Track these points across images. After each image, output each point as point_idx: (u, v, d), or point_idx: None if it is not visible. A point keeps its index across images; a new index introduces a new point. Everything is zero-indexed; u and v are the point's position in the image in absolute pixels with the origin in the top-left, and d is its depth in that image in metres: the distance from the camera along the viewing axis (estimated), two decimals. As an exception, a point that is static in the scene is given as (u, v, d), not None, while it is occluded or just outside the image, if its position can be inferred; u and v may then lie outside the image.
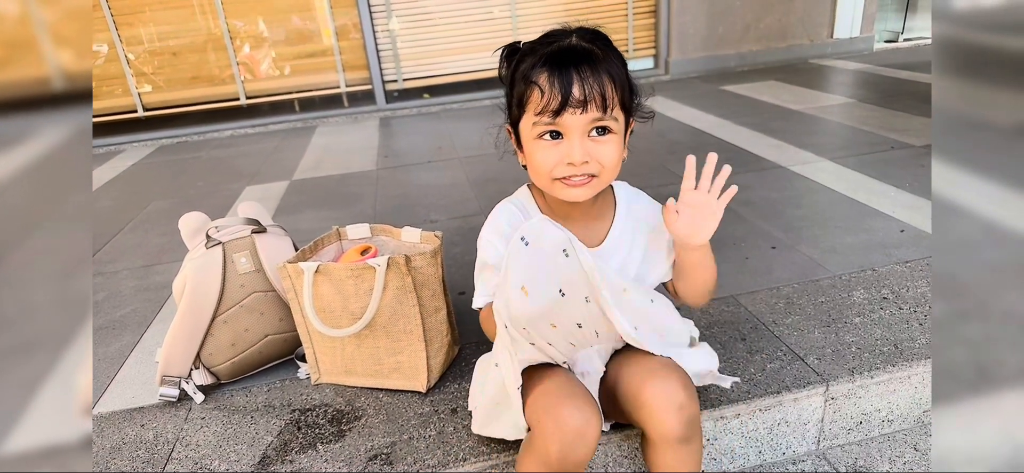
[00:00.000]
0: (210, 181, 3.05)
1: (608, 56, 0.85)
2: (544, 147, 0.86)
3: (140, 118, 4.22)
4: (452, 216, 2.20)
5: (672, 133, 3.01)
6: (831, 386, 1.19)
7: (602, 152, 0.86)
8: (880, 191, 2.07)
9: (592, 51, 0.84)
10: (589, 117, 0.83)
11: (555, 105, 0.81)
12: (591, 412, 0.85)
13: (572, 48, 0.84)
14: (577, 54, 0.83)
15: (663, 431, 0.87)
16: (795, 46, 4.70)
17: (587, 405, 0.85)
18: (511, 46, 0.92)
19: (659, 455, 0.92)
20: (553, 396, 0.87)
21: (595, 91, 0.82)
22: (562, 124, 0.83)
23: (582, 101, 0.81)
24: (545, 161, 0.86)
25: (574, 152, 0.84)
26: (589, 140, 0.85)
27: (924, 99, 3.24)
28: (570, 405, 0.84)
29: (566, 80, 0.81)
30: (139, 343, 1.56)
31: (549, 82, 0.82)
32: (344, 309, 1.21)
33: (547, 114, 0.83)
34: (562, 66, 0.82)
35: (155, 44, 4.13)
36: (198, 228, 1.33)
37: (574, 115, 0.82)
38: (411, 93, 4.44)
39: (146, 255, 2.14)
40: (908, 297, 1.44)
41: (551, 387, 0.89)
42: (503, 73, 0.93)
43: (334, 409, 1.24)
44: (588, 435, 0.83)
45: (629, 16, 4.48)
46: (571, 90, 0.81)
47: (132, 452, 1.18)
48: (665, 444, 0.90)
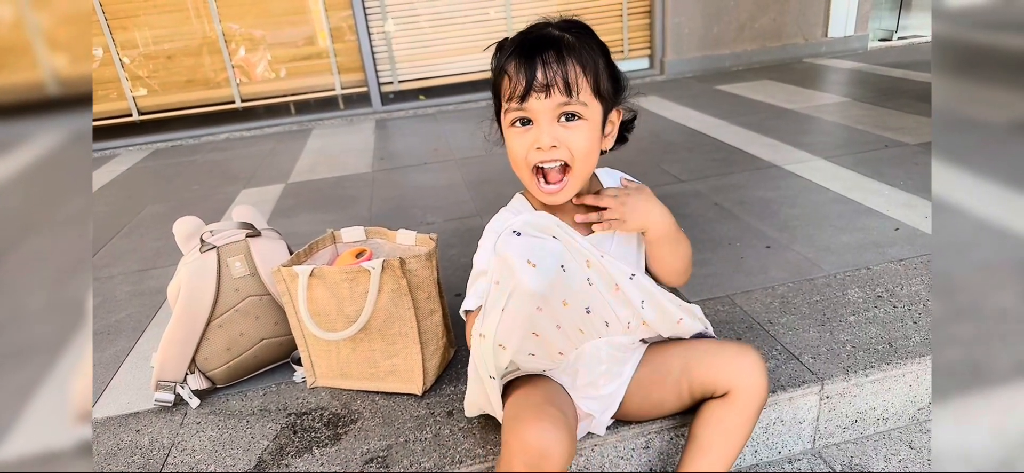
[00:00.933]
0: (205, 185, 3.04)
1: (582, 43, 0.87)
2: (516, 134, 0.89)
3: (135, 122, 4.21)
4: (448, 218, 2.20)
5: (667, 133, 3.02)
6: (826, 385, 1.20)
7: (571, 138, 0.87)
8: (875, 190, 2.08)
9: (562, 38, 0.86)
10: (554, 101, 0.85)
11: (520, 90, 0.84)
12: (559, 433, 0.83)
13: (541, 36, 0.86)
14: (545, 41, 0.85)
15: (758, 390, 0.96)
16: (790, 45, 4.71)
17: (556, 426, 0.84)
18: (500, 42, 0.94)
19: (738, 412, 0.97)
20: (522, 412, 0.87)
21: (558, 76, 0.83)
22: (529, 109, 0.86)
23: (545, 86, 0.83)
24: (517, 148, 0.89)
25: (542, 137, 0.86)
26: (558, 125, 0.87)
27: (918, 98, 3.25)
28: (536, 425, 0.83)
29: (531, 66, 0.84)
30: (134, 348, 1.56)
31: (516, 69, 0.85)
32: (339, 312, 1.21)
33: (515, 100, 0.85)
34: (528, 53, 0.84)
35: (150, 48, 4.12)
36: (193, 232, 1.33)
37: (540, 100, 0.84)
38: (407, 95, 4.44)
39: (141, 260, 2.13)
40: (903, 295, 1.45)
41: (522, 402, 0.90)
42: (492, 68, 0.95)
43: (330, 412, 1.24)
44: (553, 456, 0.81)
45: (624, 16, 4.49)
46: (535, 74, 0.83)
47: (127, 457, 1.17)
48: (753, 402, 0.96)
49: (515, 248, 0.78)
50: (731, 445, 0.99)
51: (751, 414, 0.98)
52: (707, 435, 1.00)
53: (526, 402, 0.90)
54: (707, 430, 1.00)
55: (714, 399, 1.01)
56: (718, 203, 2.10)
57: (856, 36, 4.79)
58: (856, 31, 4.78)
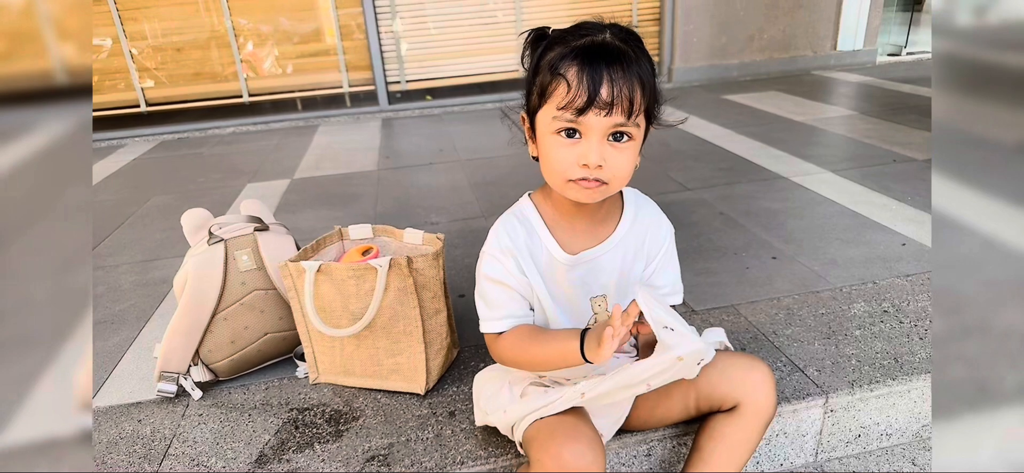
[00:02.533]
0: (211, 178, 3.05)
1: (640, 59, 0.81)
2: (559, 144, 0.82)
3: (142, 113, 4.22)
4: (453, 218, 2.20)
5: (675, 141, 3.02)
6: (831, 398, 1.19)
7: (618, 160, 0.82)
8: (881, 204, 2.08)
9: (626, 51, 0.80)
10: (612, 121, 0.79)
11: (581, 103, 0.77)
12: (595, 455, 0.84)
13: (606, 45, 0.79)
14: (611, 52, 0.78)
15: (767, 406, 0.96)
16: (798, 57, 4.71)
17: (592, 447, 0.84)
18: (538, 31, 0.86)
19: (742, 427, 0.97)
20: (558, 431, 0.87)
21: (624, 94, 0.78)
22: (583, 123, 0.79)
23: (609, 103, 0.77)
24: (560, 160, 0.82)
25: (590, 154, 0.80)
26: (607, 144, 0.81)
27: (926, 113, 3.25)
28: (574, 446, 0.83)
29: (596, 78, 0.77)
30: (137, 338, 1.56)
31: (578, 77, 0.77)
32: (344, 309, 1.21)
33: (570, 110, 0.78)
34: (594, 62, 0.77)
35: (159, 39, 4.14)
36: (201, 224, 1.33)
37: (598, 117, 0.78)
38: (413, 95, 4.45)
39: (146, 250, 2.13)
40: (909, 311, 1.44)
41: (555, 423, 0.89)
42: (525, 58, 0.88)
43: (332, 409, 1.24)
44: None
45: (634, 24, 4.48)
46: (599, 89, 0.77)
47: (129, 447, 1.17)
48: (760, 418, 0.96)
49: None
50: (735, 460, 0.98)
51: (757, 430, 0.97)
52: (710, 448, 0.99)
53: (560, 421, 0.89)
54: (711, 443, 0.99)
55: (721, 413, 0.99)
56: (724, 212, 2.09)
57: (865, 50, 4.79)
58: (865, 45, 4.78)
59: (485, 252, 0.94)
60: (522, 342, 0.92)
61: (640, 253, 0.98)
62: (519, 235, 0.93)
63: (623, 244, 0.96)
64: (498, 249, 0.92)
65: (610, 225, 0.96)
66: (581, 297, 0.96)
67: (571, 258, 0.93)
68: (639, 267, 0.98)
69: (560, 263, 0.93)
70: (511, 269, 0.92)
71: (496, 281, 0.93)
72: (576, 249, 0.94)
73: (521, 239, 0.93)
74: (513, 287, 0.93)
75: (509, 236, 0.92)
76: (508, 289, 0.93)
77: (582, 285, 0.96)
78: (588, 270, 0.95)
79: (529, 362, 0.94)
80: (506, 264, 0.92)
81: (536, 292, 0.94)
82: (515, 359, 0.95)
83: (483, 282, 0.94)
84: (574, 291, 0.96)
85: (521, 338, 0.93)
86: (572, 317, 0.97)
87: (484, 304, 0.95)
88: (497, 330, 0.94)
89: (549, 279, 0.94)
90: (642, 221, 0.97)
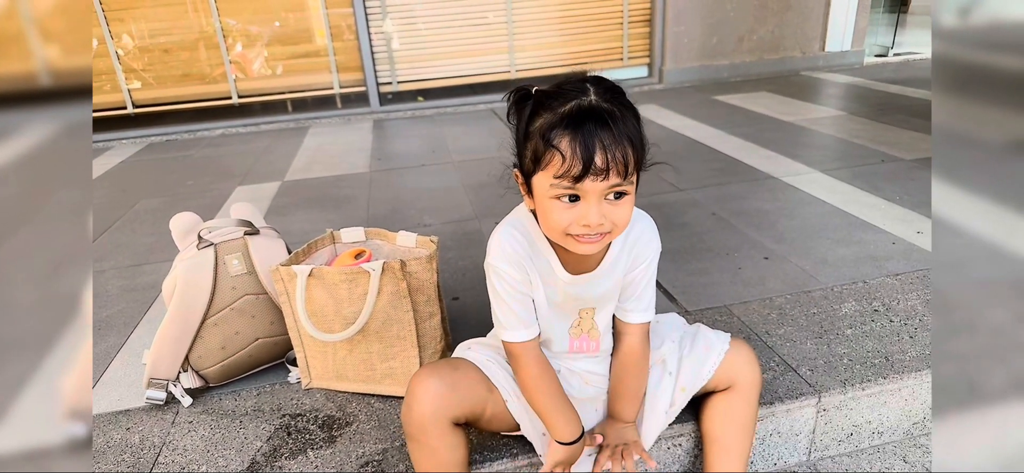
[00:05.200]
0: (200, 180, 3.02)
1: (627, 116, 0.82)
2: (560, 208, 0.84)
3: (129, 115, 4.17)
4: (446, 220, 2.19)
5: (666, 143, 3.03)
6: (823, 397, 1.20)
7: (618, 214, 0.85)
8: (871, 204, 2.09)
9: (612, 112, 0.80)
10: (609, 183, 0.81)
11: (576, 172, 0.79)
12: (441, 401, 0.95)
13: (592, 109, 0.80)
14: (598, 116, 0.79)
15: (758, 378, 1.06)
16: (787, 58, 4.75)
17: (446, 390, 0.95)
18: (522, 91, 0.88)
19: (745, 404, 1.05)
20: (442, 365, 1.01)
21: (618, 158, 0.79)
22: (581, 189, 0.81)
23: (604, 169, 0.79)
24: (560, 220, 0.84)
25: (591, 216, 0.82)
26: (606, 203, 0.83)
27: (914, 113, 3.28)
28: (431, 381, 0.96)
29: (589, 145, 0.78)
30: (125, 344, 1.54)
31: (571, 147, 0.78)
32: (337, 313, 1.20)
33: (567, 179, 0.80)
34: (584, 131, 0.78)
35: (146, 41, 4.09)
36: (190, 228, 1.32)
37: (594, 182, 0.80)
38: (405, 96, 4.43)
39: (133, 255, 2.11)
40: (899, 310, 1.45)
41: (457, 362, 1.04)
42: (511, 115, 0.89)
43: (325, 414, 1.23)
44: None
45: (624, 24, 4.50)
46: (594, 157, 0.78)
47: (117, 455, 1.15)
48: (755, 389, 1.05)
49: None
50: (747, 438, 1.05)
51: (756, 402, 1.06)
52: (719, 430, 1.06)
53: (459, 364, 1.04)
54: (719, 424, 1.06)
55: (718, 393, 1.06)
56: (716, 213, 2.10)
57: (853, 51, 4.84)
58: (853, 46, 4.83)
59: (491, 265, 0.95)
60: (537, 377, 0.98)
61: (629, 264, 1.01)
62: (520, 244, 0.94)
63: (616, 265, 0.98)
64: (501, 261, 0.94)
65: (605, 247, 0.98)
66: (574, 307, 1.01)
67: (570, 277, 0.96)
68: (616, 291, 1.03)
69: (560, 280, 0.96)
70: (517, 278, 0.94)
71: (508, 291, 0.95)
72: (574, 268, 0.96)
73: (523, 248, 0.94)
74: (524, 292, 0.96)
75: (511, 246, 0.94)
76: (519, 295, 0.96)
77: (576, 298, 0.99)
78: (584, 288, 0.98)
79: (524, 388, 1.00)
80: (513, 274, 0.94)
81: (534, 294, 0.97)
82: (520, 374, 1.00)
83: (495, 296, 0.97)
84: (568, 301, 1.00)
85: (538, 374, 0.98)
86: (562, 318, 1.02)
87: (502, 315, 0.97)
88: (519, 339, 0.97)
89: (547, 284, 0.97)
90: (634, 235, 0.99)
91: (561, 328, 1.02)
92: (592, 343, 1.04)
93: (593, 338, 1.04)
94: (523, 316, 0.96)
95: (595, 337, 1.04)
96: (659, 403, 1.06)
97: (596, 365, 1.06)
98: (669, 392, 1.06)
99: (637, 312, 1.02)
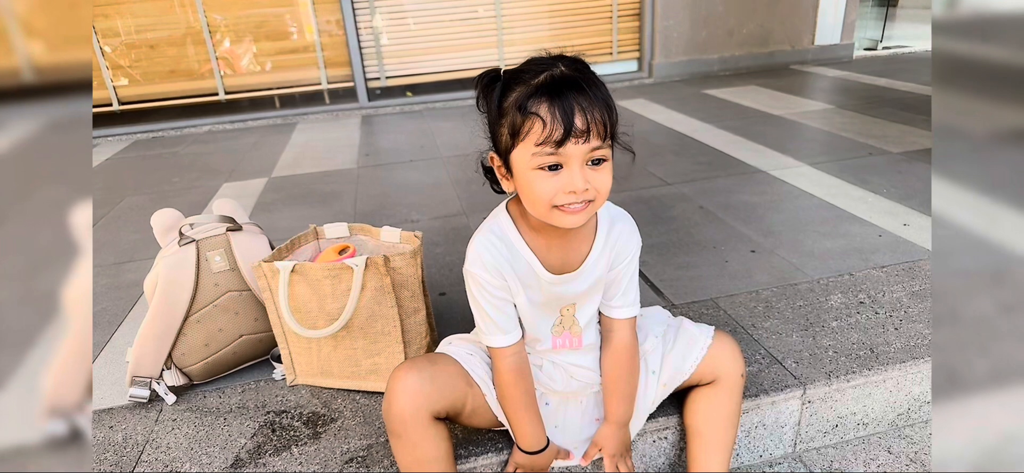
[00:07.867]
0: (186, 177, 2.99)
1: (597, 83, 0.84)
2: (543, 178, 0.83)
3: (115, 112, 4.13)
4: (433, 216, 2.18)
5: (654, 136, 3.03)
6: (808, 389, 1.20)
7: (600, 180, 0.85)
8: (858, 196, 2.10)
9: (587, 78, 0.82)
10: (589, 146, 0.81)
11: (558, 135, 0.79)
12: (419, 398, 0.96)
13: (566, 77, 0.81)
14: (572, 83, 0.80)
15: (741, 370, 1.06)
16: (777, 52, 4.76)
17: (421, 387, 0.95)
18: (491, 74, 0.88)
19: (729, 397, 1.06)
20: (419, 361, 1.01)
21: (597, 118, 0.80)
22: (564, 154, 0.81)
23: (585, 130, 0.80)
24: (544, 191, 0.84)
25: (575, 181, 0.82)
26: (588, 169, 0.83)
27: (902, 107, 3.30)
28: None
29: (567, 109, 0.79)
30: (109, 342, 1.52)
31: (550, 112, 0.79)
32: (321, 309, 1.19)
33: (549, 145, 0.80)
34: (561, 95, 0.79)
35: (132, 36, 4.04)
36: (171, 225, 1.30)
37: (576, 145, 0.80)
38: (394, 91, 4.41)
39: (118, 252, 2.08)
40: (884, 302, 1.46)
41: (436, 356, 1.05)
42: (480, 101, 0.90)
43: (310, 411, 1.22)
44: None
45: (614, 18, 4.50)
46: (573, 119, 0.79)
47: (100, 454, 1.14)
48: (739, 383, 1.06)
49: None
50: (730, 432, 1.06)
51: (739, 395, 1.06)
52: (703, 424, 1.07)
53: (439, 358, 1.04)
54: (703, 418, 1.07)
55: (702, 386, 1.07)
56: (703, 206, 2.10)
57: (842, 44, 4.85)
58: (842, 39, 4.84)
59: (469, 272, 0.95)
60: (510, 385, 0.99)
61: (611, 261, 1.01)
62: (499, 251, 0.94)
63: (598, 262, 0.98)
64: (480, 267, 0.94)
65: (586, 243, 0.97)
66: (556, 305, 1.01)
67: (552, 277, 0.96)
68: (599, 289, 1.03)
69: (543, 280, 0.96)
70: (495, 284, 0.94)
71: (486, 298, 0.95)
72: (556, 267, 0.96)
73: (502, 255, 0.94)
74: (502, 298, 0.96)
75: (490, 253, 0.93)
76: (497, 301, 0.96)
77: (558, 298, 0.99)
78: (566, 287, 0.98)
79: (498, 390, 1.02)
80: (491, 280, 0.94)
81: (515, 299, 0.97)
82: (496, 377, 1.01)
83: (474, 302, 0.97)
84: (550, 300, 0.99)
85: (511, 382, 0.99)
86: (545, 318, 1.02)
87: (481, 321, 0.98)
88: (498, 344, 0.98)
89: (529, 287, 0.97)
90: (615, 234, 0.99)
91: (544, 327, 1.02)
92: (575, 339, 1.04)
93: (575, 334, 1.04)
94: (501, 322, 0.96)
95: (577, 333, 1.04)
96: (643, 403, 1.08)
97: (580, 358, 1.06)
98: (653, 390, 1.08)
99: (623, 308, 1.02)
